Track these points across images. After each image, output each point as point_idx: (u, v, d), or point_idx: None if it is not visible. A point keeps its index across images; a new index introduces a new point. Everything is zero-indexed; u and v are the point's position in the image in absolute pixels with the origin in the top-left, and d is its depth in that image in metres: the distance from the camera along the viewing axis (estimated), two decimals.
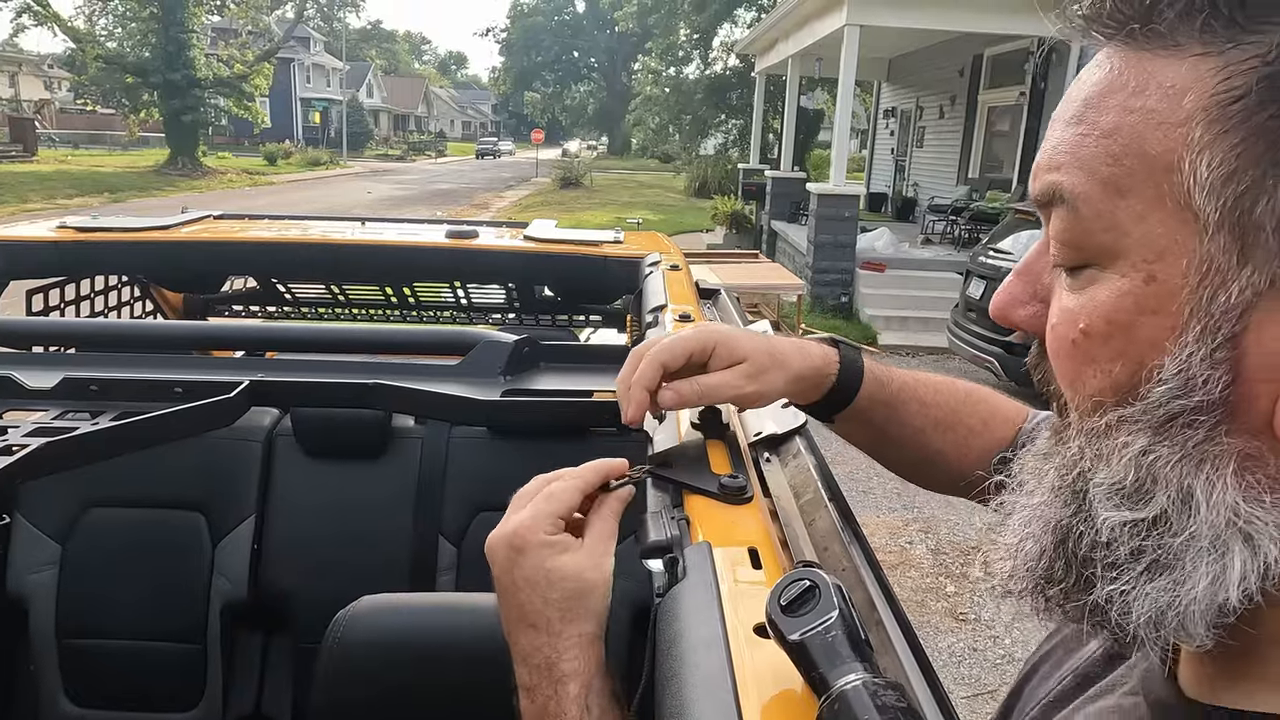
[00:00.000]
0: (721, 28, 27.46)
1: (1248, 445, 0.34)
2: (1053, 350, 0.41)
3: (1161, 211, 0.35)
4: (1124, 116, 0.36)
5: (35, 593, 1.63)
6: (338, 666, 0.91)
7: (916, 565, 3.78)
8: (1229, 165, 0.33)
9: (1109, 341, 0.37)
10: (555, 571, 0.58)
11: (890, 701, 0.39)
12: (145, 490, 1.69)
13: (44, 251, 1.62)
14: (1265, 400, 0.34)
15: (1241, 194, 0.33)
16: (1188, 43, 0.34)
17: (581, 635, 0.57)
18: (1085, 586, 0.39)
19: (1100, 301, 0.37)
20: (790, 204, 12.07)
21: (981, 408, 0.80)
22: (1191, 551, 0.35)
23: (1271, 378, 0.34)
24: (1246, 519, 0.34)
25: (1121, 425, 0.37)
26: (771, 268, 8.50)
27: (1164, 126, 0.35)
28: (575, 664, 0.56)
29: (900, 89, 15.90)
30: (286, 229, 1.91)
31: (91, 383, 0.89)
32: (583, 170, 27.70)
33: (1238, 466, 0.35)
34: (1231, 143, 0.33)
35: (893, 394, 0.77)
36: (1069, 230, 0.38)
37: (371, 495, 1.75)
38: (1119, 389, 0.37)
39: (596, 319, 2.15)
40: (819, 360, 0.74)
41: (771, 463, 0.95)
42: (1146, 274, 0.36)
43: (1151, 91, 0.35)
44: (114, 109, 32.50)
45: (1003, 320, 0.45)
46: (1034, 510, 0.41)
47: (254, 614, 1.70)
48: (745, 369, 0.70)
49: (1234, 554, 0.34)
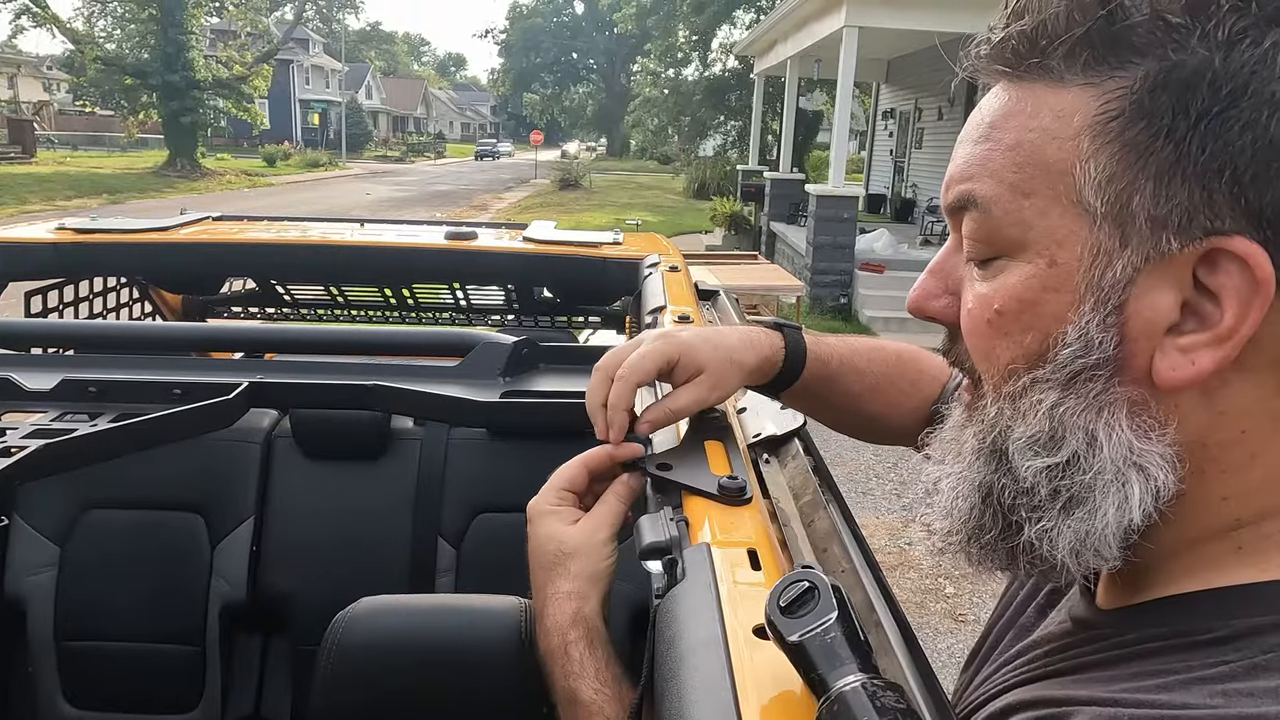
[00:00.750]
0: (720, 29, 27.48)
1: (1134, 393, 0.43)
2: (968, 330, 0.49)
3: (1059, 208, 0.43)
4: (1024, 134, 0.44)
5: (34, 595, 1.63)
6: (337, 668, 0.91)
7: (916, 566, 3.78)
8: (1110, 169, 0.41)
9: (1020, 317, 0.45)
10: (547, 536, 0.67)
11: (889, 703, 0.39)
12: (144, 492, 1.68)
13: (43, 253, 1.62)
14: (1144, 356, 0.42)
15: (1120, 191, 0.41)
16: (1071, 77, 0.43)
17: (558, 594, 0.64)
18: (1014, 531, 0.46)
19: (1011, 285, 0.45)
20: (789, 205, 12.08)
21: (910, 368, 0.88)
22: (1099, 485, 0.43)
23: (1149, 336, 0.42)
24: (1139, 453, 0.42)
25: (1035, 385, 0.44)
26: (770, 269, 8.48)
27: (1058, 140, 0.43)
28: (552, 619, 0.64)
29: (899, 90, 15.91)
30: (285, 230, 1.91)
31: (90, 384, 0.89)
32: (582, 171, 27.70)
33: (1129, 411, 0.43)
34: (1111, 151, 0.41)
35: (833, 370, 0.83)
36: (981, 229, 0.46)
37: (370, 497, 1.75)
38: (1030, 356, 0.45)
39: (596, 320, 2.15)
40: (767, 350, 0.79)
41: (771, 464, 0.95)
42: (1049, 259, 0.43)
43: (1045, 114, 0.43)
44: (113, 110, 32.48)
45: (919, 313, 0.53)
46: (960, 475, 0.49)
47: (253, 616, 1.69)
48: (706, 380, 0.74)
49: (1133, 482, 0.42)
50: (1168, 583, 0.46)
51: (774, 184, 12.59)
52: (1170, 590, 0.45)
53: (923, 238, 11.23)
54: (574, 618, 0.63)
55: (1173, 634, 0.43)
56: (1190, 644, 0.41)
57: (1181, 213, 0.40)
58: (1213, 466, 0.43)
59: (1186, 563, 0.45)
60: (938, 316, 0.52)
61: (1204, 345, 0.40)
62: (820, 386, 0.83)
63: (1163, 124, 0.40)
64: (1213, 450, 0.43)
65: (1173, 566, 0.46)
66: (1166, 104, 0.39)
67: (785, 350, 0.80)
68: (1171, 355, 0.41)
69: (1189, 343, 0.41)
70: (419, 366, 1.05)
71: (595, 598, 0.65)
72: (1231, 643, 0.40)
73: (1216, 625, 0.41)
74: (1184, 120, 0.39)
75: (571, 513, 0.68)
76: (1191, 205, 0.39)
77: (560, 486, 0.70)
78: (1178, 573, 0.45)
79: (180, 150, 26.48)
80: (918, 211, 13.29)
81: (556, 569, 0.65)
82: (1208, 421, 0.42)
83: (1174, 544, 0.45)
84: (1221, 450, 0.42)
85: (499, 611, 0.93)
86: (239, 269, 1.97)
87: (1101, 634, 0.47)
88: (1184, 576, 0.45)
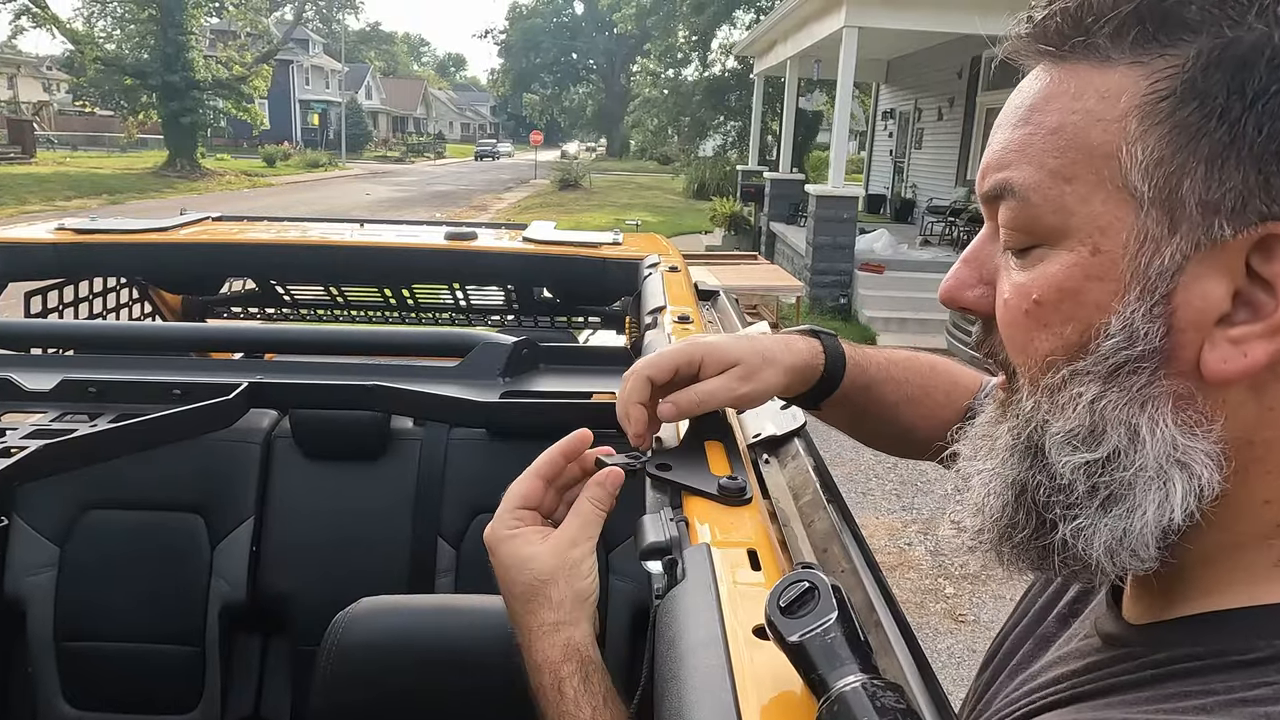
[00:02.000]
0: (720, 29, 27.48)
1: (1180, 386, 0.41)
2: (1005, 321, 0.47)
3: (1103, 193, 0.41)
4: (1067, 116, 0.42)
5: (33, 595, 1.63)
6: (336, 669, 0.91)
7: (915, 566, 3.78)
8: (1159, 152, 0.39)
9: (1060, 307, 0.43)
10: (515, 564, 0.61)
11: (889, 703, 0.39)
12: (144, 492, 1.68)
13: (42, 253, 1.62)
14: (1192, 348, 0.40)
15: (1169, 175, 0.39)
16: (1118, 56, 0.41)
17: (542, 625, 0.59)
18: (1047, 530, 0.44)
19: (1051, 274, 0.43)
20: (789, 205, 12.08)
21: (944, 380, 0.85)
22: (1140, 482, 0.41)
23: (1198, 327, 0.40)
24: (1183, 450, 0.40)
25: (1074, 378, 0.43)
26: (770, 269, 8.48)
27: (1103, 123, 0.41)
28: (540, 654, 0.59)
29: (899, 91, 15.91)
30: (285, 231, 1.91)
31: (90, 384, 0.89)
32: (581, 172, 27.69)
33: (1174, 405, 0.41)
34: (1160, 133, 0.39)
35: (871, 377, 0.80)
36: (1019, 217, 0.44)
37: (370, 497, 1.75)
38: (1070, 348, 0.43)
39: (595, 321, 2.15)
40: (806, 354, 0.77)
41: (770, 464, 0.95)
42: (1092, 247, 0.42)
43: (1089, 95, 0.41)
44: (112, 111, 32.47)
45: (951, 303, 0.51)
46: (992, 472, 0.47)
47: (252, 616, 1.69)
48: (738, 372, 0.71)
49: (1175, 480, 0.40)
50: (1201, 596, 0.44)
51: (774, 184, 12.59)
52: (1204, 605, 0.43)
53: (922, 238, 11.23)
54: (565, 651, 0.58)
55: (1210, 654, 0.41)
56: (1230, 664, 0.40)
57: (1235, 197, 0.38)
58: (1258, 467, 0.41)
59: (1222, 573, 0.43)
60: (972, 307, 0.50)
61: (1257, 336, 0.39)
62: (859, 395, 0.80)
63: (1216, 104, 0.38)
64: (1259, 449, 0.41)
65: (1208, 576, 0.44)
66: (1221, 83, 0.38)
67: (825, 355, 0.77)
68: (1222, 347, 0.39)
69: (1241, 334, 0.39)
70: (419, 367, 1.05)
71: (584, 621, 0.60)
72: (1275, 664, 0.38)
73: (1259, 645, 0.39)
74: (1239, 100, 0.37)
75: (535, 532, 0.63)
76: (1246, 189, 0.38)
77: (514, 506, 0.64)
78: (1212, 584, 0.44)
79: (180, 151, 26.47)
80: (917, 212, 13.28)
81: (535, 600, 0.60)
82: (1256, 418, 0.40)
83: (1212, 549, 0.43)
84: (1268, 449, 0.41)
85: (498, 612, 0.93)
86: (239, 269, 1.97)
87: (1132, 653, 0.45)
88: (1219, 590, 0.43)
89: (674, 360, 0.71)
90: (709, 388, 0.70)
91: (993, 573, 3.79)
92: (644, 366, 0.70)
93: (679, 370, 0.71)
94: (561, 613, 0.59)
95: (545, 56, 56.22)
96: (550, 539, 0.62)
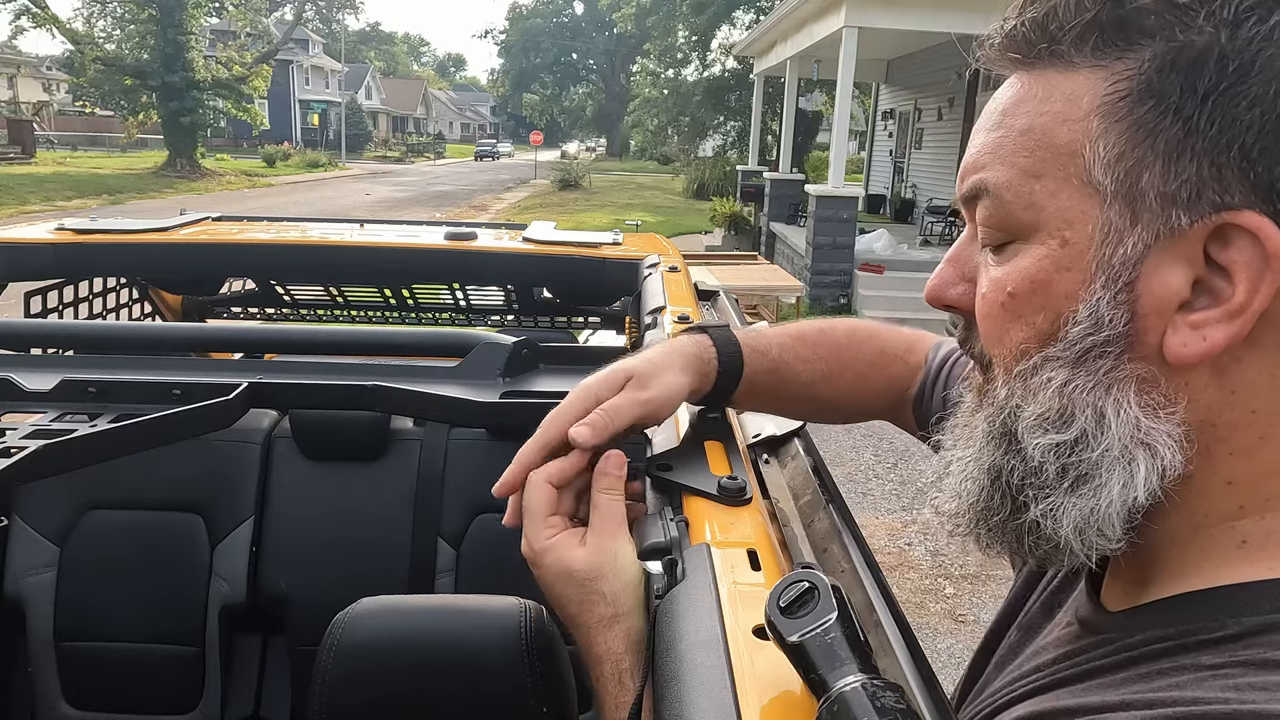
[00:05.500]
0: (720, 29, 27.46)
1: (1144, 370, 0.43)
2: (982, 314, 0.49)
3: (1069, 189, 0.44)
4: (1035, 119, 0.45)
5: (33, 595, 1.63)
6: (336, 669, 0.91)
7: (915, 567, 3.78)
8: (1119, 147, 0.42)
9: (1032, 298, 0.45)
10: (560, 571, 0.61)
11: (889, 703, 0.39)
12: (143, 492, 1.68)
13: (42, 253, 1.61)
14: (1155, 333, 0.42)
15: (1130, 169, 0.41)
16: (1081, 60, 0.43)
17: (601, 620, 0.59)
18: (1020, 510, 0.46)
19: (1024, 267, 0.46)
20: (789, 206, 12.08)
21: (866, 348, 0.84)
22: (1106, 462, 0.43)
23: (1160, 313, 0.42)
24: (1146, 431, 0.43)
25: (1045, 364, 0.45)
26: (770, 269, 8.49)
27: (1068, 122, 0.43)
28: (602, 647, 0.59)
29: (899, 91, 15.91)
30: (285, 231, 1.91)
31: (90, 385, 0.89)
32: (581, 172, 27.70)
33: (1138, 388, 0.43)
34: (1120, 130, 0.42)
35: (774, 360, 0.78)
36: (994, 215, 0.47)
37: (370, 497, 1.75)
38: (1042, 336, 0.45)
39: (595, 321, 2.15)
40: (694, 347, 0.74)
41: (770, 464, 0.95)
42: (1061, 239, 0.44)
43: (1056, 98, 0.44)
44: (112, 111, 32.51)
45: (936, 301, 0.53)
46: (970, 458, 0.50)
47: (252, 616, 1.70)
48: (633, 383, 0.68)
49: (1139, 460, 0.43)
50: (1172, 579, 0.46)
51: (773, 184, 12.60)
52: (1175, 587, 0.45)
53: (922, 238, 11.23)
54: (626, 642, 0.58)
55: (1181, 633, 0.42)
56: (1200, 642, 0.41)
57: (1191, 189, 0.40)
58: (1220, 448, 0.43)
59: (1190, 555, 0.45)
60: (955, 304, 0.53)
61: (1216, 321, 0.41)
62: (767, 379, 0.78)
63: (1171, 102, 0.40)
64: (1221, 431, 0.43)
65: (1176, 559, 0.46)
66: (1175, 83, 0.40)
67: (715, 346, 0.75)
68: (1183, 331, 0.41)
69: (1201, 319, 0.41)
70: (418, 367, 1.05)
71: (639, 611, 0.59)
72: (1242, 639, 0.40)
73: (1227, 623, 0.41)
74: (1192, 98, 0.39)
75: (570, 535, 0.62)
76: (1201, 181, 0.40)
77: (544, 515, 0.62)
78: (1182, 567, 0.45)
79: (180, 151, 26.47)
80: (917, 212, 13.29)
81: (588, 599, 0.59)
82: (1217, 400, 0.42)
83: (1178, 530, 0.45)
84: (1230, 431, 0.43)
85: (498, 612, 0.93)
86: (238, 269, 1.97)
87: (1109, 638, 0.47)
88: (1190, 572, 0.45)
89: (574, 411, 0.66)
90: (614, 403, 0.66)
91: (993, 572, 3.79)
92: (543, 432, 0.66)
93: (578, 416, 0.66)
94: (617, 605, 0.59)
95: (545, 57, 56.23)
96: (588, 537, 0.61)
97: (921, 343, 0.87)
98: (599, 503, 0.63)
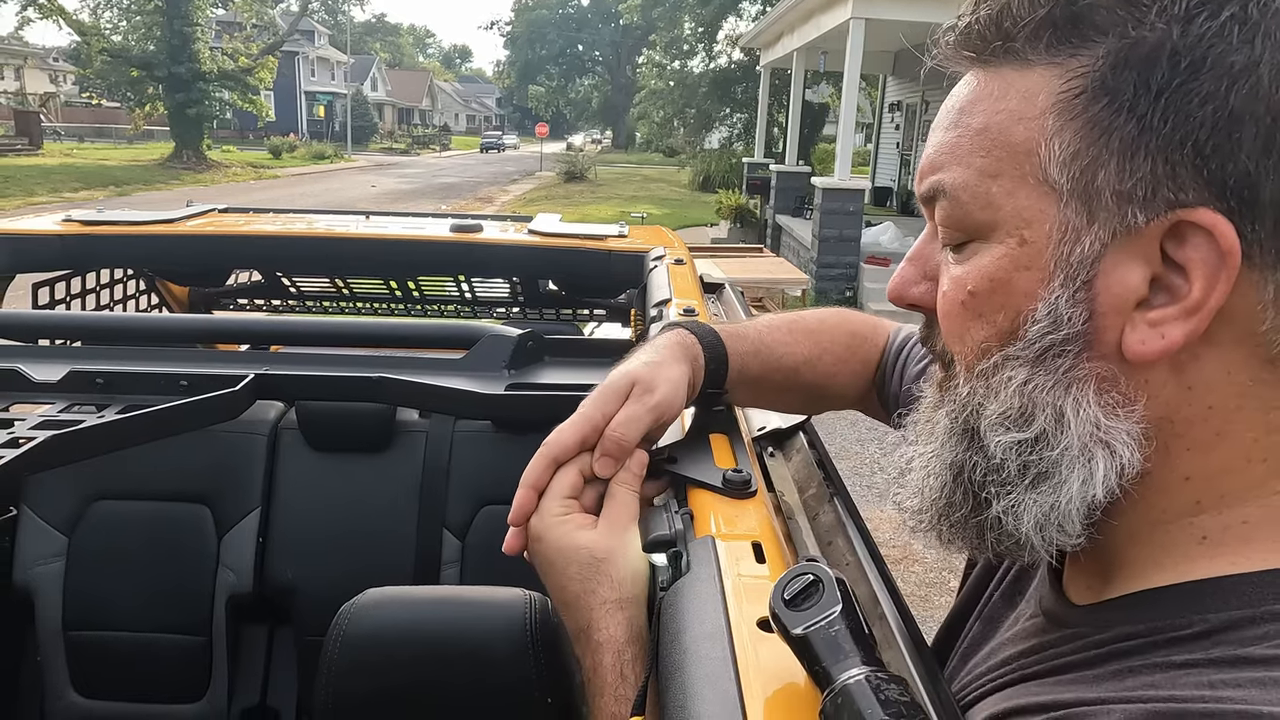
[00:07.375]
0: (726, 21, 27.34)
1: (1103, 369, 0.43)
2: (943, 312, 0.49)
3: (1026, 187, 0.43)
4: (991, 117, 0.45)
5: (42, 585, 1.64)
6: (342, 659, 0.91)
7: (920, 560, 3.78)
8: (1075, 145, 0.41)
9: (992, 297, 0.45)
10: (567, 547, 0.60)
11: (893, 695, 0.40)
12: (151, 483, 1.69)
13: (50, 245, 1.62)
14: (1113, 331, 0.42)
15: (1085, 168, 0.41)
16: (1036, 58, 0.43)
17: (605, 603, 0.58)
18: (982, 507, 0.47)
19: (984, 266, 0.46)
20: (795, 198, 12.05)
21: (839, 332, 0.85)
22: (1066, 460, 0.44)
23: (1118, 311, 0.42)
24: (1105, 430, 0.43)
25: (1006, 363, 0.45)
26: (776, 262, 8.48)
27: (1024, 120, 0.43)
28: (605, 633, 0.57)
29: (906, 83, 15.84)
30: (291, 223, 1.91)
31: (97, 376, 0.89)
32: (587, 164, 27.65)
33: (1097, 387, 0.43)
34: (1075, 128, 0.41)
35: (754, 343, 0.78)
36: (952, 215, 0.47)
37: (376, 488, 1.76)
38: (1002, 335, 0.45)
39: (601, 313, 2.15)
40: (675, 337, 0.73)
41: (775, 457, 0.95)
42: (1019, 238, 0.44)
43: (1011, 96, 0.44)
44: (119, 102, 32.47)
45: (898, 300, 0.53)
46: (932, 454, 0.50)
47: (259, 606, 1.70)
48: (638, 390, 0.66)
49: (1098, 458, 0.43)
50: (1137, 573, 0.46)
51: (780, 177, 12.56)
52: (1138, 583, 0.45)
53: None
54: (630, 631, 0.57)
55: (1150, 630, 0.43)
56: (1170, 640, 0.42)
57: (1146, 187, 0.40)
58: (1178, 444, 0.43)
59: (1152, 551, 0.45)
60: (917, 302, 0.53)
61: (1173, 318, 0.41)
62: (754, 363, 0.77)
63: (1125, 99, 0.40)
64: (1179, 427, 0.43)
65: (1138, 554, 0.46)
66: (1128, 80, 0.40)
67: (693, 334, 0.74)
68: (1141, 329, 0.42)
69: (1158, 316, 0.41)
70: (424, 359, 1.05)
71: (643, 605, 0.59)
72: (1210, 637, 0.40)
73: (1195, 620, 0.41)
74: (1145, 95, 0.39)
75: (583, 518, 0.62)
76: (1155, 179, 0.40)
77: (564, 494, 0.62)
78: (1144, 562, 0.46)
79: (186, 142, 26.48)
80: None
81: (594, 578, 0.58)
82: (1176, 397, 0.43)
83: (1138, 526, 0.46)
84: (1188, 427, 0.43)
85: (503, 603, 0.93)
86: (245, 261, 1.97)
87: (1078, 632, 0.47)
88: (1151, 569, 0.45)
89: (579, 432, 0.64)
90: (623, 416, 0.64)
91: None
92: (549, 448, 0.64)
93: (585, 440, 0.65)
94: (624, 590, 0.58)
95: (551, 48, 56.06)
96: (600, 523, 0.61)
97: (883, 326, 0.88)
98: (615, 493, 0.63)
